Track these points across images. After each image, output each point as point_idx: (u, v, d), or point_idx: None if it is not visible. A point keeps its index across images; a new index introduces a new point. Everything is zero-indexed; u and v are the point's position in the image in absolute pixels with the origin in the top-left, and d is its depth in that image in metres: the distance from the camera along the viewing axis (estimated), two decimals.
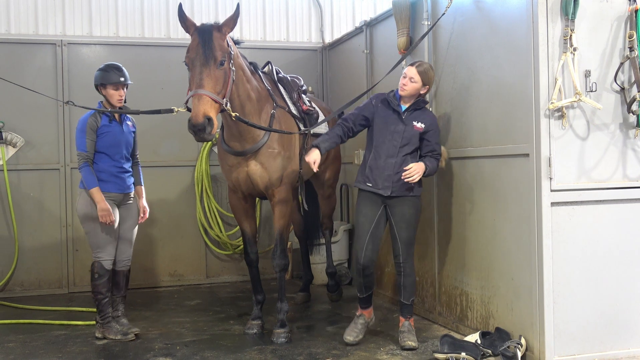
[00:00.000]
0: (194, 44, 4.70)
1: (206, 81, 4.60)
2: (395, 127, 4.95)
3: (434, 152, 4.99)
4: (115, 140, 5.26)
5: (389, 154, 4.93)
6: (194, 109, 4.54)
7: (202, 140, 4.61)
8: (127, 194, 5.40)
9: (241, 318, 5.91)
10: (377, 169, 4.95)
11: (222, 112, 4.80)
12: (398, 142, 4.92)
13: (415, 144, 4.95)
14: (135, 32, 7.75)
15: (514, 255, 4.62)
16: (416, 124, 4.93)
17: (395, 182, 4.90)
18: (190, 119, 4.52)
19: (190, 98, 4.62)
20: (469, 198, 5.11)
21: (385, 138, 4.95)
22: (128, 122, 5.45)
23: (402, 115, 4.96)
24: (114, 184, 5.27)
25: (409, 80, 4.91)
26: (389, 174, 4.91)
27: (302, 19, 8.39)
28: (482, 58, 4.92)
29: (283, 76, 5.86)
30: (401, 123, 4.95)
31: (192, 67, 4.69)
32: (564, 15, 4.31)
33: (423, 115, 4.99)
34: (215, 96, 4.61)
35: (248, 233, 5.57)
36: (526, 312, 4.49)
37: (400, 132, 4.93)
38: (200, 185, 7.57)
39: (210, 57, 4.65)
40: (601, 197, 4.45)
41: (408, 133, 4.92)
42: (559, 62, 4.32)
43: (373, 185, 4.95)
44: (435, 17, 5.44)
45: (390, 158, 4.93)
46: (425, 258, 5.76)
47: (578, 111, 4.41)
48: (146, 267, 7.44)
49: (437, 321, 5.56)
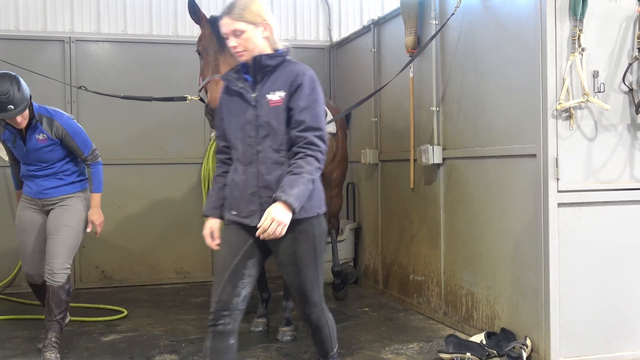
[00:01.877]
0: (207, 33, 4.72)
1: (222, 67, 4.59)
2: (244, 116, 3.29)
3: (306, 143, 3.19)
4: (20, 155, 4.72)
5: (247, 161, 3.29)
6: (211, 94, 4.54)
7: None
8: (45, 199, 4.71)
9: (246, 316, 5.86)
10: (236, 187, 3.32)
11: None
12: (253, 137, 3.26)
13: (285, 131, 3.25)
14: (143, 29, 7.76)
15: (520, 256, 4.60)
16: (272, 96, 3.25)
17: (265, 203, 3.21)
18: (209, 103, 4.54)
19: (207, 84, 4.62)
20: (476, 198, 5.10)
21: (237, 138, 3.33)
22: (38, 135, 4.60)
23: (250, 92, 3.31)
24: (27, 187, 4.77)
25: (234, 37, 3.26)
26: (253, 191, 3.27)
27: (309, 17, 8.38)
28: (490, 58, 4.90)
29: None
30: (249, 106, 3.28)
31: (205, 55, 4.70)
32: (572, 15, 4.30)
33: (282, 77, 3.28)
34: None
35: None
36: (532, 312, 4.48)
37: (252, 119, 3.26)
38: (206, 182, 7.52)
39: (225, 45, 4.66)
40: (608, 198, 4.42)
41: (264, 116, 3.24)
42: (567, 62, 4.30)
43: (238, 213, 3.32)
44: (443, 16, 5.43)
45: (249, 167, 3.28)
46: (431, 257, 5.75)
47: (586, 112, 4.39)
48: (152, 264, 7.46)
49: (443, 321, 5.55)
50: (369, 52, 6.94)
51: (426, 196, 5.81)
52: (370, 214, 7.11)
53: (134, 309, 6.16)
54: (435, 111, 5.57)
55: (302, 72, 3.30)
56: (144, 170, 7.46)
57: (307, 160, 3.17)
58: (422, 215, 5.89)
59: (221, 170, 3.48)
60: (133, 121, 7.30)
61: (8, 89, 4.35)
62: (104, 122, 7.21)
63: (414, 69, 5.90)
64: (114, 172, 7.23)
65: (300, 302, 3.50)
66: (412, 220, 6.10)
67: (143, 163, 7.43)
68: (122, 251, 7.38)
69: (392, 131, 6.54)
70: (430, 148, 5.50)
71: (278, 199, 3.06)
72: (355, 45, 7.52)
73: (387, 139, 6.66)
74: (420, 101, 5.85)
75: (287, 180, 3.12)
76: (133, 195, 7.41)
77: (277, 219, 3.05)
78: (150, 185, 7.48)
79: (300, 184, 3.11)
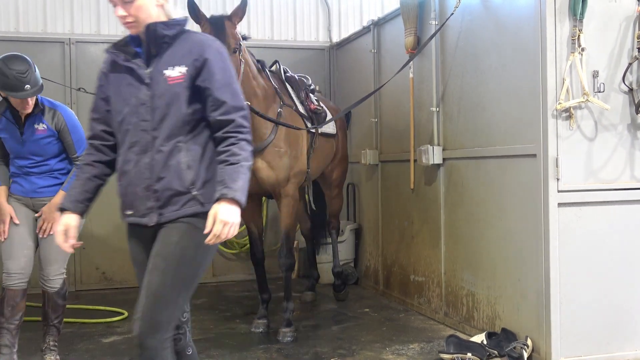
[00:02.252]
0: (206, 32, 4.71)
1: None
2: (137, 96, 2.82)
3: (235, 126, 2.78)
4: (13, 147, 4.51)
5: (140, 149, 2.81)
6: None
7: None
8: (38, 199, 4.51)
9: (247, 317, 5.92)
10: (128, 181, 2.85)
11: None
12: (148, 121, 2.78)
13: (186, 114, 2.77)
14: None
15: (520, 256, 4.60)
16: (170, 72, 2.78)
17: (163, 198, 2.78)
18: None
19: None
20: (476, 198, 5.10)
21: (129, 122, 2.83)
22: (38, 125, 4.46)
23: (144, 67, 2.81)
24: (18, 185, 4.54)
25: (121, 6, 2.77)
26: (147, 184, 2.80)
27: (309, 18, 8.39)
28: (490, 58, 4.90)
29: (291, 75, 5.86)
30: (142, 84, 2.80)
31: None
32: (572, 15, 4.29)
33: (182, 50, 2.81)
34: None
35: (254, 232, 5.58)
36: (533, 312, 4.47)
37: (147, 100, 2.78)
38: None
39: (223, 44, 4.66)
40: (609, 198, 4.42)
41: (161, 96, 2.77)
42: (566, 62, 4.30)
43: (134, 212, 2.86)
44: (442, 17, 5.43)
45: (143, 156, 2.81)
46: (432, 258, 5.75)
47: (586, 112, 4.39)
48: None
49: (443, 321, 5.55)
50: (368, 52, 6.94)
51: (426, 196, 5.81)
52: (371, 215, 7.11)
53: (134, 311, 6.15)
54: (435, 111, 5.57)
55: (207, 43, 2.86)
56: None
57: (240, 145, 2.76)
58: (423, 216, 5.89)
59: (92, 158, 2.98)
60: None
61: (27, 68, 4.30)
62: None
63: (414, 70, 5.89)
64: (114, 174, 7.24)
65: (140, 318, 2.74)
66: (413, 220, 6.10)
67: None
68: (123, 252, 7.26)
69: (392, 132, 6.54)
70: (430, 148, 5.50)
71: (223, 197, 2.66)
72: (355, 46, 7.52)
73: (387, 139, 6.66)
74: (420, 101, 5.85)
75: (226, 173, 2.71)
76: None
77: (228, 220, 2.64)
78: None
79: (241, 174, 2.72)
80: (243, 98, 2.87)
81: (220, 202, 2.66)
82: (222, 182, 2.69)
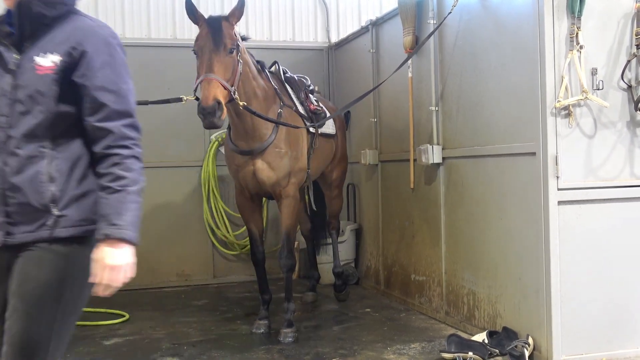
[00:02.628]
0: (203, 32, 4.73)
1: (216, 66, 4.61)
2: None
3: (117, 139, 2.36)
4: None
5: None
6: (203, 92, 4.55)
7: (211, 125, 4.54)
8: None
9: (248, 318, 5.91)
10: None
11: (231, 101, 4.79)
12: (5, 116, 2.28)
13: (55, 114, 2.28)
14: (142, 33, 7.76)
15: (521, 255, 4.60)
16: (41, 60, 2.28)
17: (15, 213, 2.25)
18: (200, 102, 4.53)
19: (200, 84, 4.62)
20: (476, 197, 5.10)
21: None
22: None
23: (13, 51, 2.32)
24: None
25: None
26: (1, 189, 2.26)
27: (307, 19, 8.39)
28: (489, 56, 4.90)
29: (290, 76, 5.87)
30: (6, 71, 2.30)
31: (201, 54, 4.71)
32: (570, 13, 4.29)
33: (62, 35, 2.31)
34: (224, 82, 4.63)
35: (255, 233, 5.58)
36: (534, 311, 4.47)
37: (8, 90, 2.29)
38: (207, 185, 7.57)
39: (220, 44, 4.67)
40: (608, 196, 4.42)
41: (26, 87, 2.27)
42: (565, 60, 4.30)
43: None
44: (441, 16, 5.43)
45: None
46: (432, 257, 5.75)
47: (585, 109, 4.39)
48: (153, 267, 7.44)
49: (445, 321, 5.54)
50: (367, 52, 6.94)
51: (426, 196, 5.81)
52: (371, 215, 7.11)
53: (136, 312, 6.15)
54: (435, 111, 5.57)
55: (92, 30, 2.32)
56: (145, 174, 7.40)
57: (125, 165, 2.33)
58: (423, 215, 5.89)
59: None
60: None
61: None
62: None
63: (413, 69, 5.90)
64: None
65: None
66: (413, 220, 6.10)
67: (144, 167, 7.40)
68: None
69: (391, 131, 6.54)
70: (429, 148, 5.50)
71: (109, 237, 2.20)
72: (353, 46, 7.52)
73: (387, 139, 6.66)
74: (420, 101, 5.85)
75: (109, 205, 2.24)
76: None
77: (117, 264, 2.20)
78: (151, 189, 7.34)
79: (129, 203, 2.29)
80: (133, 102, 2.39)
81: (105, 244, 2.21)
82: (105, 217, 2.23)
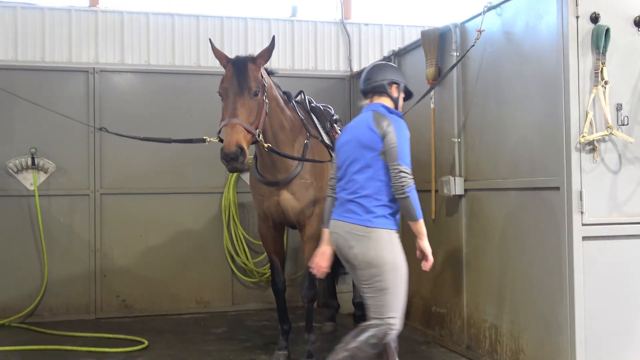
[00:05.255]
0: (229, 74, 4.75)
1: (240, 111, 4.62)
2: None
3: None
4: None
5: None
6: (226, 138, 4.54)
7: (234, 170, 4.57)
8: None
9: (267, 347, 5.88)
10: None
11: (255, 143, 4.81)
12: None
13: None
14: (166, 60, 7.87)
15: (544, 290, 4.55)
16: None
17: None
18: (223, 148, 4.52)
19: (224, 127, 4.63)
20: (498, 230, 5.06)
21: None
22: None
23: None
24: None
25: None
26: None
27: (330, 48, 8.47)
28: (512, 90, 4.90)
29: (315, 105, 5.91)
30: None
31: (225, 97, 4.72)
32: (594, 48, 4.29)
33: None
34: (248, 126, 4.62)
35: (276, 262, 5.56)
36: (557, 347, 4.41)
37: None
38: (227, 212, 7.59)
39: (244, 87, 4.68)
40: (633, 232, 4.37)
41: None
42: (590, 95, 4.29)
43: None
44: (464, 48, 5.44)
45: None
46: (453, 290, 5.70)
47: (610, 144, 4.37)
48: (173, 293, 7.45)
49: (466, 354, 5.48)
50: None
51: (448, 227, 5.78)
52: None
53: (155, 340, 6.15)
54: (457, 142, 5.56)
55: None
56: (166, 200, 7.49)
57: None
58: (444, 247, 5.85)
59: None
60: (155, 151, 7.33)
61: None
62: (126, 152, 7.27)
63: (435, 100, 5.90)
64: (136, 202, 7.32)
65: None
66: (434, 251, 6.03)
67: (164, 192, 7.47)
68: (143, 280, 7.38)
69: (413, 162, 6.43)
70: (451, 179, 5.48)
71: None
72: None
73: None
74: (442, 132, 5.85)
75: None
76: (154, 225, 7.44)
77: None
78: (172, 215, 7.50)
79: None
80: None
81: None
82: None
